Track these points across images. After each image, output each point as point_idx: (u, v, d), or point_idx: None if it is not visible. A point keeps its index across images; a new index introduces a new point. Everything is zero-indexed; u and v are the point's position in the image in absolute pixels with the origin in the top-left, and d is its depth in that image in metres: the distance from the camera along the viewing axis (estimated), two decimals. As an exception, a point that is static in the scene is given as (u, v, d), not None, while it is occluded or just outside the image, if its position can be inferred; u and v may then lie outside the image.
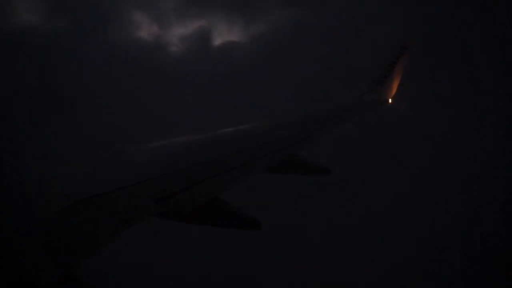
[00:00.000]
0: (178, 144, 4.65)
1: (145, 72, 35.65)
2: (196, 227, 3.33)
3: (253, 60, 38.98)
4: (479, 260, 20.67)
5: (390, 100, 11.58)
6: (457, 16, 34.06)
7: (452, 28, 34.16)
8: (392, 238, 22.36)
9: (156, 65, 37.81)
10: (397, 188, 25.33)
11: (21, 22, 36.63)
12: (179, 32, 44.19)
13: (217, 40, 45.52)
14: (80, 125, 27.01)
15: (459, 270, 20.53)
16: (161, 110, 31.07)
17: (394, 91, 11.64)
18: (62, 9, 40.21)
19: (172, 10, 45.29)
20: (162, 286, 16.98)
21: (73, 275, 1.96)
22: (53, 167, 3.28)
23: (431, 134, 29.85)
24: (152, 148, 4.35)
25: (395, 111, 12.28)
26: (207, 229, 3.43)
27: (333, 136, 7.76)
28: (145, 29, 42.97)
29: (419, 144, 29.22)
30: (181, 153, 4.13)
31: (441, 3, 35.31)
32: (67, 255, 2.00)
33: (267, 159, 4.48)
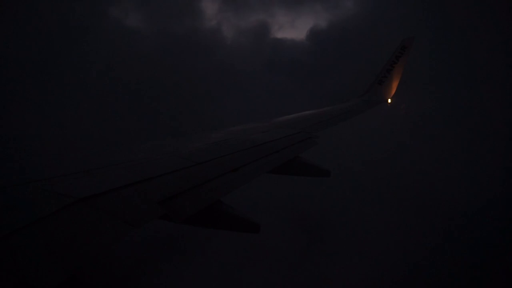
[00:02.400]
0: (180, 143, 4.61)
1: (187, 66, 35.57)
2: (196, 228, 3.31)
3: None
4: (478, 259, 20.67)
5: (389, 100, 11.57)
6: (457, 16, 34.09)
7: (452, 28, 34.19)
8: (393, 238, 22.37)
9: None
10: (396, 188, 25.35)
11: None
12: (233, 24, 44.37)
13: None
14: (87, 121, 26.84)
15: (457, 269, 20.54)
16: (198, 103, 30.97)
17: (393, 91, 11.61)
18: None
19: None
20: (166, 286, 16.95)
21: (75, 279, 1.93)
22: (55, 165, 3.24)
23: (431, 133, 29.89)
24: (154, 147, 4.30)
25: (394, 110, 12.27)
26: (207, 230, 3.42)
27: (332, 136, 7.77)
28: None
29: (419, 143, 29.25)
30: (184, 152, 4.09)
31: (441, 2, 35.35)
32: (68, 258, 1.97)
33: (269, 160, 4.46)
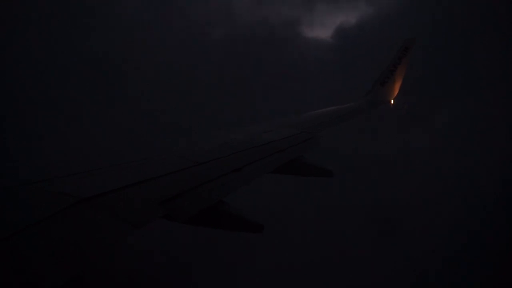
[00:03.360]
0: (182, 144, 4.62)
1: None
2: (198, 228, 3.31)
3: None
4: (477, 257, 20.60)
5: (392, 101, 11.57)
6: (458, 16, 34.05)
7: (454, 28, 34.15)
8: (392, 239, 22.35)
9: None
10: (397, 189, 25.32)
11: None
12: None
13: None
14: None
15: (458, 268, 20.48)
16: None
17: (396, 92, 11.61)
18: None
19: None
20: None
21: (79, 279, 1.92)
22: (57, 166, 3.24)
23: (434, 134, 29.87)
24: (156, 147, 4.31)
25: (397, 112, 12.26)
26: (209, 231, 3.41)
27: (334, 137, 7.78)
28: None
29: (421, 144, 29.23)
30: (185, 153, 4.09)
31: (442, 3, 35.32)
32: (71, 258, 1.96)
33: (271, 160, 4.47)
